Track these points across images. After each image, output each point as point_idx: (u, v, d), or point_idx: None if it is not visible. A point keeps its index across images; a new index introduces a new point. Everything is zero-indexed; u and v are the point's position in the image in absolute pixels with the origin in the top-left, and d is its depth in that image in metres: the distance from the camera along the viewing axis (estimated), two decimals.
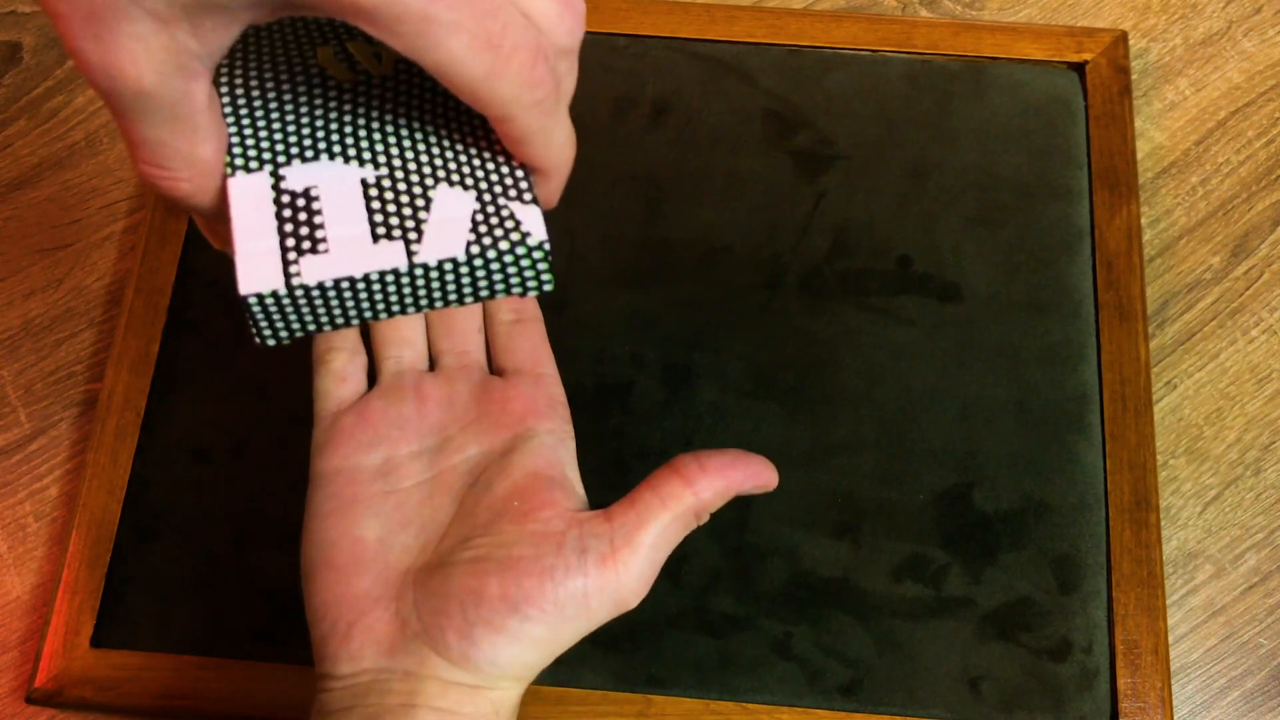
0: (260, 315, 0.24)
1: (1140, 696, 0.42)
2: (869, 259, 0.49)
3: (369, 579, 0.32)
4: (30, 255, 0.51)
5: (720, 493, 0.31)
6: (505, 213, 0.25)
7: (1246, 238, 0.51)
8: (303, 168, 0.25)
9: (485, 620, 0.30)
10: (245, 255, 0.24)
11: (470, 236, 0.25)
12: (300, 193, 0.25)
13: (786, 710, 0.42)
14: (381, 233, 0.24)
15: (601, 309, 0.48)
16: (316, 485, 0.34)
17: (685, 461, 0.32)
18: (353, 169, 0.25)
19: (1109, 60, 0.52)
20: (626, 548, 0.30)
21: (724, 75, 0.52)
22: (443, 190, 0.25)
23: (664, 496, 0.31)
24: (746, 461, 0.32)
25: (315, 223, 0.24)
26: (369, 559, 0.32)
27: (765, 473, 0.33)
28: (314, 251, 0.24)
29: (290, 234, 0.24)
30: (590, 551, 0.30)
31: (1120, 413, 0.46)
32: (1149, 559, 0.44)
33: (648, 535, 0.31)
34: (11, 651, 0.45)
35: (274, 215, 0.24)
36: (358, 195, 0.25)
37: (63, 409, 0.48)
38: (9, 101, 0.54)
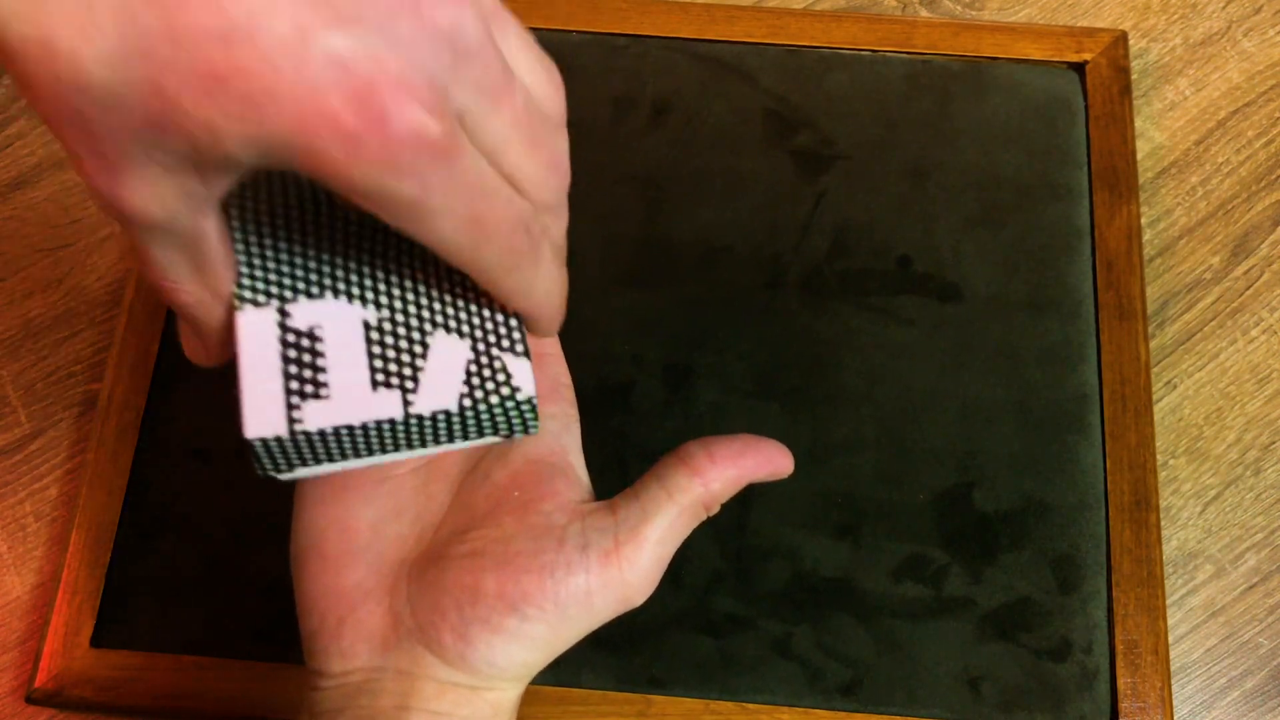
0: (263, 453, 0.25)
1: (1140, 696, 0.42)
2: (869, 259, 0.49)
3: (361, 570, 0.30)
4: (30, 255, 0.51)
5: (730, 483, 0.30)
6: (498, 364, 0.26)
7: (1246, 238, 0.51)
8: (309, 305, 0.26)
9: (482, 619, 0.28)
10: (252, 397, 0.24)
11: (464, 389, 0.26)
12: (305, 332, 0.25)
13: (786, 710, 0.42)
14: (380, 380, 0.25)
15: (601, 309, 0.48)
16: (307, 483, 0.32)
17: (693, 450, 0.30)
18: (355, 309, 0.26)
19: (1109, 60, 0.52)
20: (631, 543, 0.29)
21: (724, 75, 0.52)
22: (440, 337, 0.26)
23: (670, 489, 0.29)
24: (758, 448, 0.30)
25: (319, 365, 0.25)
26: (361, 548, 0.30)
27: (778, 458, 0.30)
28: (317, 397, 0.25)
29: (295, 376, 0.25)
30: (593, 547, 0.28)
31: (1120, 413, 0.46)
32: (1149, 559, 0.44)
33: (654, 530, 0.29)
34: (11, 651, 0.45)
35: (280, 355, 0.25)
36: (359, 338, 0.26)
37: (63, 409, 0.48)
38: (9, 101, 0.54)
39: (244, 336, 0.25)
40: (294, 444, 0.25)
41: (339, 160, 0.20)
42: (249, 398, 0.25)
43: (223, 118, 0.19)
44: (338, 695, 0.29)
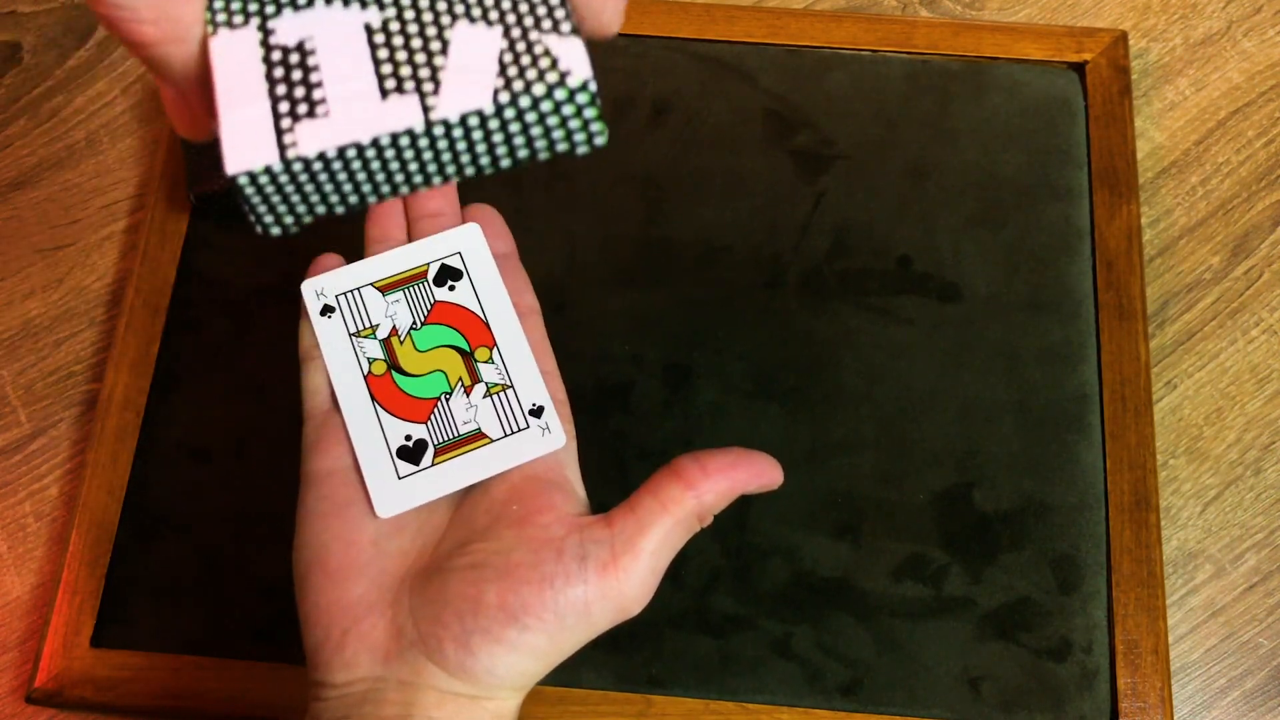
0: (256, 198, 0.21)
1: (1140, 696, 0.42)
2: (869, 259, 0.49)
3: (364, 584, 0.31)
4: (30, 255, 0.51)
5: (722, 495, 0.31)
6: (539, 49, 0.21)
7: (1246, 238, 0.51)
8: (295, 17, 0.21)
9: (483, 630, 0.29)
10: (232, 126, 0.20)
11: (498, 82, 0.21)
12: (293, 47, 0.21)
13: (786, 710, 0.42)
14: (391, 86, 0.21)
15: (601, 309, 0.48)
16: (308, 486, 0.33)
17: (685, 464, 0.31)
18: (353, 13, 0.21)
19: (1109, 60, 0.52)
20: (628, 554, 0.29)
21: (724, 75, 0.52)
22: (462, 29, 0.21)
23: (665, 501, 0.30)
24: (749, 461, 0.31)
25: (312, 81, 0.21)
26: (363, 563, 0.31)
27: (769, 471, 0.32)
28: (312, 115, 0.20)
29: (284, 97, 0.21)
30: (591, 559, 0.29)
31: (1120, 413, 0.46)
32: (1149, 559, 0.44)
33: (649, 541, 0.30)
34: (11, 651, 0.45)
35: (264, 76, 0.21)
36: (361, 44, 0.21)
37: (63, 409, 0.48)
38: (9, 101, 0.54)
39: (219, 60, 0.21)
40: (291, 177, 0.21)
41: None
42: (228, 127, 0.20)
43: None
44: (341, 705, 0.30)
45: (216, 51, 0.21)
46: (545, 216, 0.49)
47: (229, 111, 0.21)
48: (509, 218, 0.50)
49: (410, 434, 0.32)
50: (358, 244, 0.37)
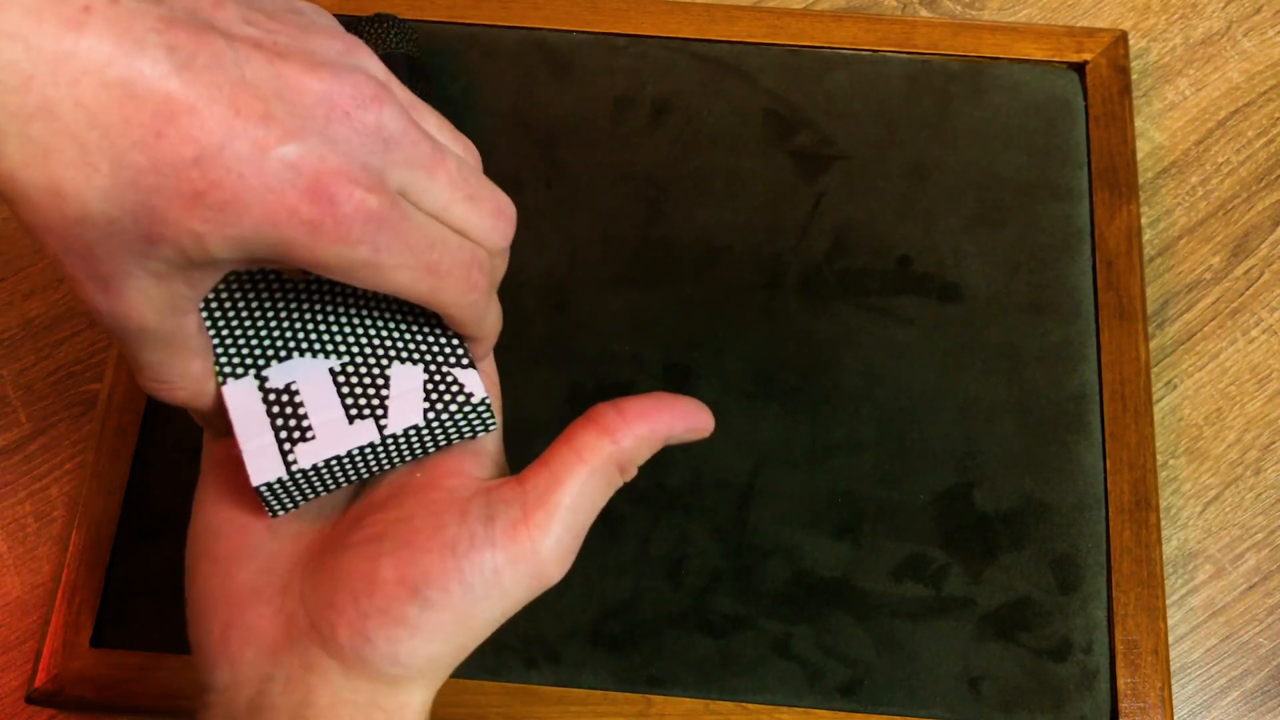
0: (270, 497, 0.28)
1: (1140, 696, 0.42)
2: (869, 259, 0.49)
3: (251, 570, 0.28)
4: (30, 255, 0.51)
5: (644, 439, 0.28)
6: (449, 379, 0.30)
7: (1246, 238, 0.51)
8: (280, 367, 0.30)
9: (380, 610, 0.26)
10: (250, 453, 0.28)
11: (425, 404, 0.29)
12: (283, 389, 0.29)
13: (786, 710, 0.42)
14: (354, 414, 0.29)
15: (601, 309, 0.48)
16: (206, 471, 0.31)
17: (602, 410, 0.28)
18: (320, 361, 0.30)
19: (1109, 60, 0.52)
20: (540, 510, 0.27)
21: (724, 75, 0.52)
22: (396, 368, 0.30)
23: (579, 449, 0.27)
24: (672, 404, 0.29)
25: (300, 414, 0.29)
26: (252, 547, 0.28)
27: (695, 414, 0.29)
28: (304, 440, 0.28)
29: (282, 428, 0.29)
30: (499, 519, 0.27)
31: (1120, 413, 0.46)
32: (1149, 559, 0.44)
33: (565, 495, 0.27)
34: (11, 651, 0.45)
35: (265, 414, 0.29)
36: (329, 384, 0.30)
37: (63, 409, 0.48)
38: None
39: (232, 406, 0.29)
40: (294, 482, 0.28)
41: (305, 244, 0.24)
42: (248, 454, 0.28)
43: (205, 225, 0.23)
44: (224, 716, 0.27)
45: (229, 399, 0.29)
46: (545, 216, 0.49)
47: (246, 442, 0.28)
48: None
49: None
50: None
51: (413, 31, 0.51)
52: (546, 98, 0.52)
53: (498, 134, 0.51)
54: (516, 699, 0.42)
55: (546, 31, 0.53)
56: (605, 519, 0.44)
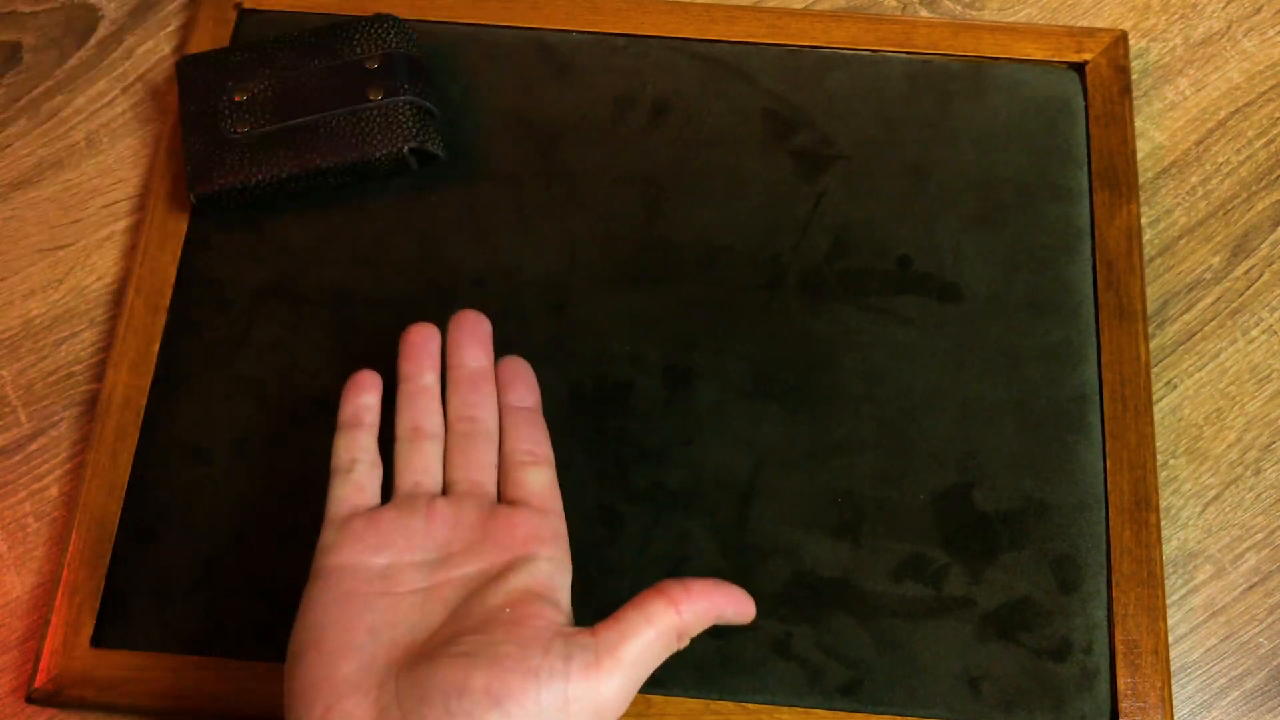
0: None
1: (1140, 696, 0.42)
2: (869, 259, 0.49)
3: (354, 664, 0.33)
4: (30, 255, 0.51)
5: (702, 615, 0.33)
6: None
7: (1246, 238, 0.51)
8: None
9: (466, 712, 0.30)
10: None
11: None
12: None
13: (786, 710, 0.42)
14: None
15: (601, 309, 0.48)
16: (317, 578, 0.36)
17: (670, 584, 0.33)
18: None
19: (1109, 60, 0.52)
20: (610, 659, 0.32)
21: (724, 75, 0.52)
22: None
23: (649, 614, 0.33)
24: (729, 590, 0.34)
25: None
26: (356, 646, 0.33)
27: (745, 603, 0.34)
28: None
29: None
30: (575, 659, 0.31)
31: (1120, 413, 0.46)
32: (1149, 559, 0.44)
33: (631, 649, 0.32)
34: (11, 651, 0.45)
35: None
36: None
37: (63, 409, 0.48)
38: (9, 101, 0.54)
39: None
40: None
41: None
42: None
43: None
44: None
45: None
46: (545, 216, 0.49)
47: None
48: (509, 217, 0.50)
49: None
50: None
51: (413, 32, 0.51)
52: (546, 98, 0.52)
53: (498, 134, 0.51)
54: None
55: (546, 31, 0.53)
56: (605, 519, 0.45)
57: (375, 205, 0.50)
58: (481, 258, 0.49)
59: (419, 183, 0.50)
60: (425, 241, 0.49)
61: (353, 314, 0.48)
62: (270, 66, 0.49)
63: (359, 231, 0.49)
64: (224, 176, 0.48)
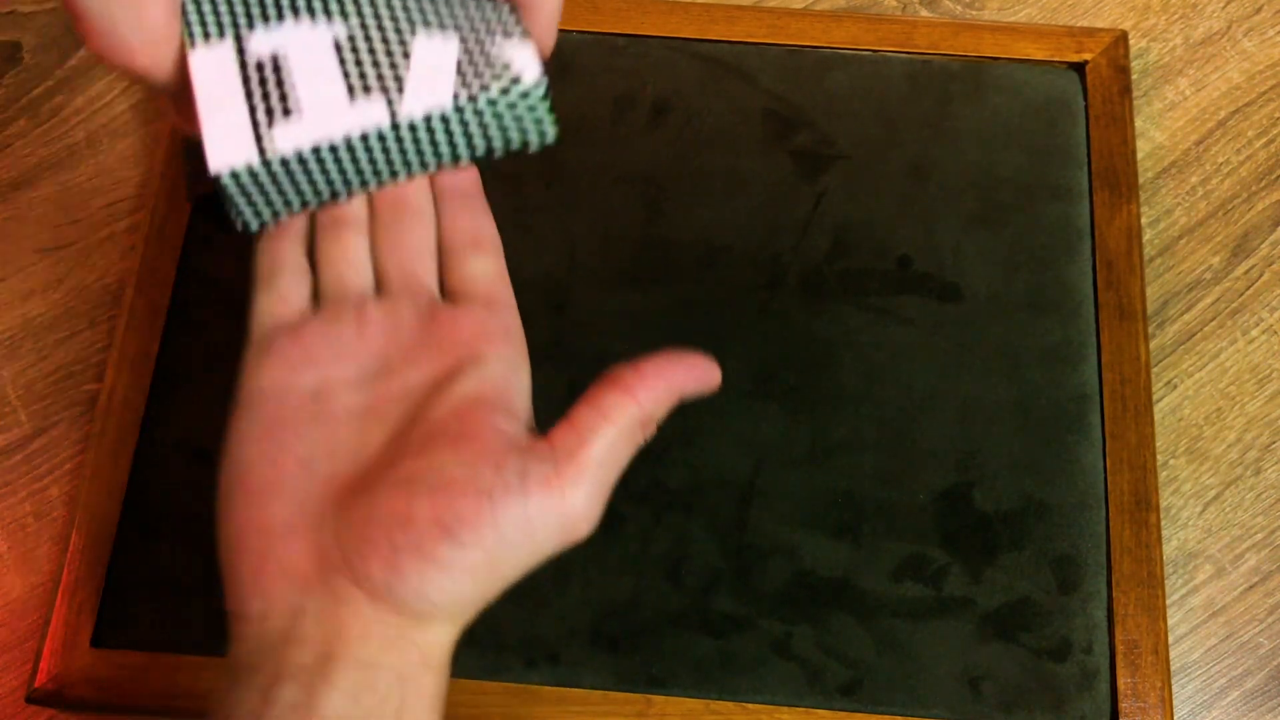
0: (238, 194, 0.23)
1: (1140, 696, 0.42)
2: (869, 259, 0.49)
3: (286, 504, 0.29)
4: (30, 255, 0.51)
5: (662, 397, 0.30)
6: (494, 52, 0.23)
7: (1246, 238, 0.51)
8: (267, 32, 0.23)
9: (414, 546, 0.27)
10: (213, 130, 0.22)
11: (457, 84, 0.23)
12: (267, 59, 0.23)
13: (786, 710, 0.42)
14: (359, 89, 0.23)
15: (601, 309, 0.48)
16: (242, 407, 0.31)
17: (621, 372, 0.29)
18: (321, 27, 0.23)
19: (1109, 60, 0.52)
20: (571, 466, 0.28)
21: (724, 75, 0.52)
22: (422, 39, 0.23)
23: (605, 410, 0.29)
24: (683, 361, 0.30)
25: (286, 87, 0.23)
26: (288, 482, 0.29)
27: (704, 370, 0.31)
28: (286, 116, 0.22)
29: (260, 103, 0.23)
30: (532, 473, 0.27)
31: (1120, 413, 0.46)
32: (1149, 559, 0.44)
33: (594, 452, 0.28)
34: (11, 651, 0.45)
35: (241, 85, 0.23)
36: (330, 55, 0.23)
37: (63, 409, 0.48)
38: (9, 101, 0.54)
39: (198, 72, 0.23)
40: (270, 174, 0.23)
41: None
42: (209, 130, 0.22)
43: None
44: (255, 649, 0.28)
45: (196, 65, 0.23)
46: (545, 216, 0.49)
47: (210, 116, 0.22)
48: (509, 217, 0.50)
49: None
50: None
51: None
52: None
53: None
54: (516, 699, 0.42)
55: None
56: (605, 519, 0.44)
57: None
58: None
59: None
60: None
61: None
62: None
63: None
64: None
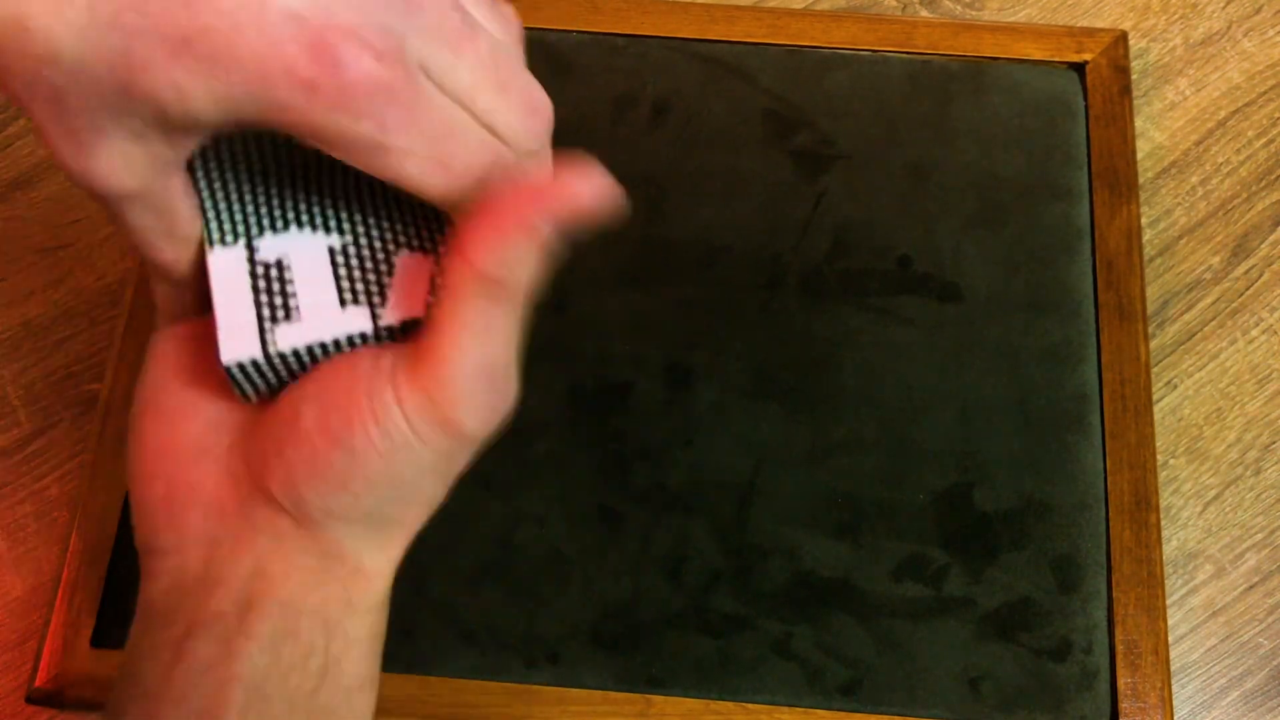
0: (241, 378, 0.26)
1: (1140, 696, 0.42)
2: (869, 259, 0.49)
3: (197, 426, 0.27)
4: (30, 255, 0.51)
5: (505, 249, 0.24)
6: None
7: (1246, 238, 0.51)
8: (274, 239, 0.27)
9: (306, 459, 0.25)
10: (227, 328, 0.26)
11: (430, 298, 0.26)
12: (273, 263, 0.27)
13: (786, 710, 0.42)
14: (349, 298, 0.26)
15: (601, 309, 0.48)
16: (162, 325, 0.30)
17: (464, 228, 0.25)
18: (320, 238, 0.27)
19: (1109, 60, 0.52)
20: (429, 358, 0.25)
21: (724, 75, 0.52)
22: (404, 255, 0.27)
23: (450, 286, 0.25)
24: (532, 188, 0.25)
25: (288, 292, 0.26)
26: (200, 403, 0.27)
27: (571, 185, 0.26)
28: (288, 320, 0.26)
29: (266, 304, 0.26)
30: (399, 370, 0.25)
31: (1120, 413, 0.46)
32: (1149, 559, 0.44)
33: (446, 338, 0.24)
34: (11, 651, 0.45)
35: (250, 288, 0.26)
36: (325, 264, 0.27)
37: (63, 409, 0.48)
38: (9, 101, 0.54)
39: (215, 274, 0.26)
40: (270, 365, 0.26)
41: (300, 107, 0.21)
42: (224, 328, 0.26)
43: (188, 77, 0.21)
44: (169, 588, 0.26)
45: (214, 267, 0.27)
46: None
47: (225, 316, 0.26)
48: None
49: None
50: None
51: None
52: None
53: None
54: (516, 699, 0.42)
55: (546, 31, 0.53)
56: (605, 519, 0.45)
57: None
58: None
59: None
60: None
61: None
62: None
63: None
64: None
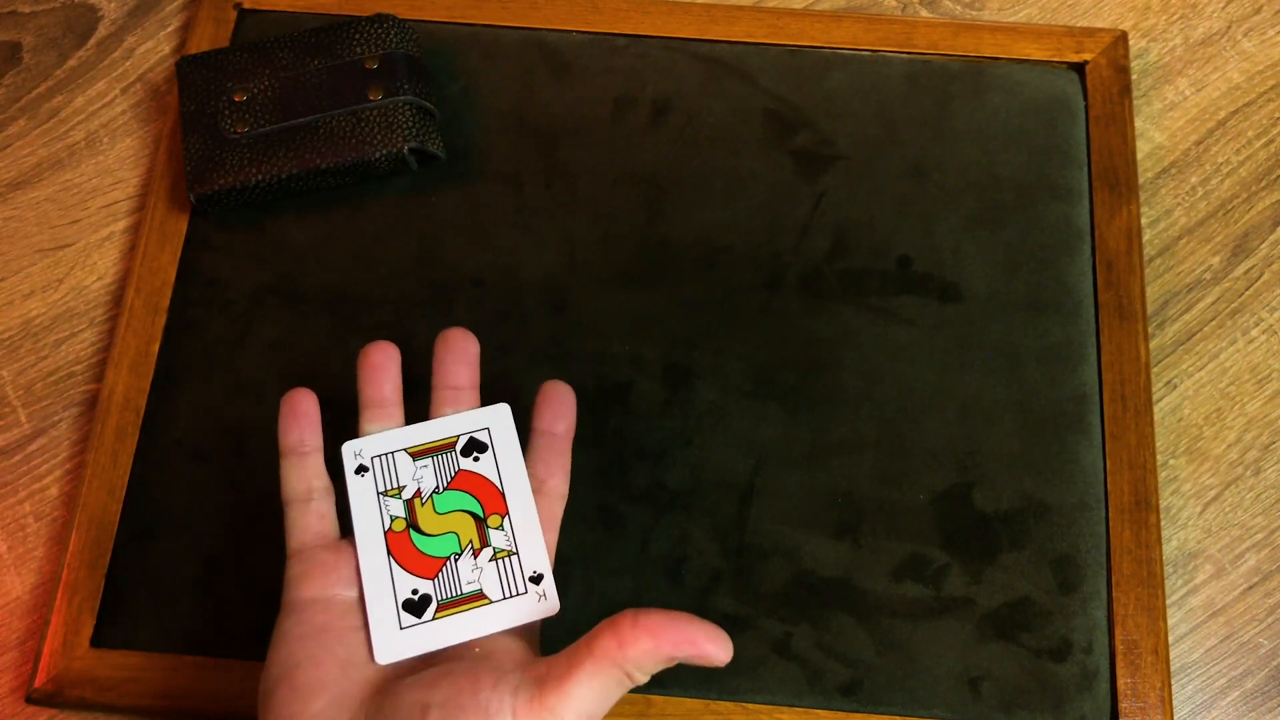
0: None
1: (1140, 696, 0.42)
2: (869, 259, 0.49)
3: (325, 700, 0.33)
4: (30, 255, 0.51)
5: (648, 653, 0.31)
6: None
7: (1246, 238, 0.51)
8: None
9: None
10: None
11: None
12: None
13: (786, 710, 0.42)
14: None
15: (601, 309, 0.48)
16: (288, 612, 0.36)
17: (623, 617, 0.32)
18: None
19: (1109, 60, 0.52)
20: (555, 694, 0.31)
21: (724, 75, 0.52)
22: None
23: (594, 649, 0.31)
24: (688, 626, 0.31)
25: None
26: (329, 682, 0.34)
27: (709, 643, 0.31)
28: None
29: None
30: (521, 694, 0.32)
31: (1120, 413, 0.46)
32: (1149, 559, 0.44)
33: (575, 686, 0.31)
34: (11, 651, 0.45)
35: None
36: None
37: (63, 409, 0.48)
38: (9, 101, 0.54)
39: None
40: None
41: None
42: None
43: None
44: None
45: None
46: (545, 216, 0.49)
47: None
48: (509, 217, 0.50)
49: (417, 589, 0.37)
50: None
51: (413, 31, 0.51)
52: (546, 98, 0.52)
53: (498, 134, 0.51)
54: None
55: (546, 31, 0.53)
56: (605, 519, 0.45)
57: (375, 205, 0.50)
58: (481, 258, 0.49)
59: (419, 183, 0.50)
60: (425, 241, 0.49)
61: (352, 314, 0.48)
62: (270, 67, 0.49)
63: (359, 231, 0.49)
64: (224, 176, 0.48)
